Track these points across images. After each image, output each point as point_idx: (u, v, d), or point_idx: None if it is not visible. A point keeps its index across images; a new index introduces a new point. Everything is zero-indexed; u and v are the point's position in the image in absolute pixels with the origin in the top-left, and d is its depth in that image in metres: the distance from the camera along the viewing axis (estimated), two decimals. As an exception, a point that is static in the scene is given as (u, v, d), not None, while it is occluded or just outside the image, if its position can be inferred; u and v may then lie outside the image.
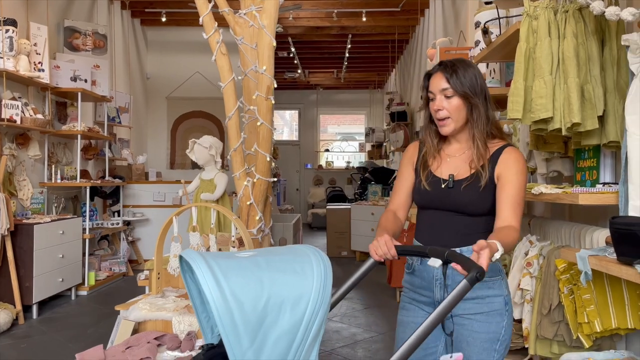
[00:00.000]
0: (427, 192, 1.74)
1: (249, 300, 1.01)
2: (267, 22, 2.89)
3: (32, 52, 5.09)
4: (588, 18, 2.16)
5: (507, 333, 1.68)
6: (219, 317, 0.98)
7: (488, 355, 1.64)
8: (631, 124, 1.81)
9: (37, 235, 4.57)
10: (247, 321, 1.00)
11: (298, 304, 1.06)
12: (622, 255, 1.64)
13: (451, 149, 1.78)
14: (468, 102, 1.68)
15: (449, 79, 1.67)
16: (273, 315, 1.03)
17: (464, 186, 1.68)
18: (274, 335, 1.02)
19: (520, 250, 2.62)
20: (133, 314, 2.46)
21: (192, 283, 1.25)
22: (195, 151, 3.20)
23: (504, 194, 1.64)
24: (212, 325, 1.28)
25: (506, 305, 1.69)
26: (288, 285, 1.07)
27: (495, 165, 1.68)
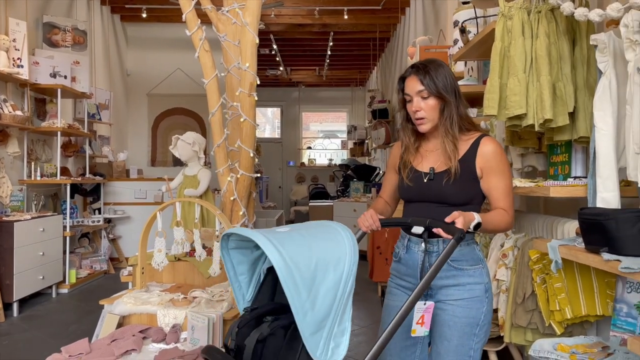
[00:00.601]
0: (410, 186, 1.84)
1: (303, 263, 1.26)
2: (249, 19, 2.93)
3: (11, 48, 5.04)
4: (560, 18, 2.25)
5: (486, 319, 1.77)
6: (283, 277, 1.22)
7: (468, 340, 1.73)
8: (599, 120, 1.90)
9: (17, 233, 4.54)
10: (303, 279, 1.25)
11: (338, 265, 1.33)
12: (589, 244, 1.73)
13: (430, 144, 1.88)
14: (442, 101, 1.78)
15: (423, 80, 1.77)
16: (321, 274, 1.29)
17: (444, 178, 1.77)
18: (323, 289, 1.29)
19: (496, 242, 2.71)
20: (118, 307, 2.48)
21: (227, 258, 1.50)
22: (178, 147, 3.22)
23: (493, 185, 1.76)
24: (243, 293, 1.54)
25: (486, 292, 1.77)
26: (329, 250, 1.34)
27: (474, 157, 1.78)
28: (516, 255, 2.50)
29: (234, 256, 1.52)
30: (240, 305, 1.55)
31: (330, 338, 1.31)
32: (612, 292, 2.11)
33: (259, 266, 1.57)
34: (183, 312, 2.41)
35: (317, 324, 1.27)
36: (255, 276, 1.56)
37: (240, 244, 1.51)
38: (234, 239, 1.49)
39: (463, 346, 1.73)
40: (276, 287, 1.56)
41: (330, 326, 1.31)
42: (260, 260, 1.56)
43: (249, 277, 1.55)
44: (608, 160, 1.88)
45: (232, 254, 1.52)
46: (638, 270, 1.43)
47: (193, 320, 2.27)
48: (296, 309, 1.23)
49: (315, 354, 1.27)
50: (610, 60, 1.90)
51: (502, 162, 1.77)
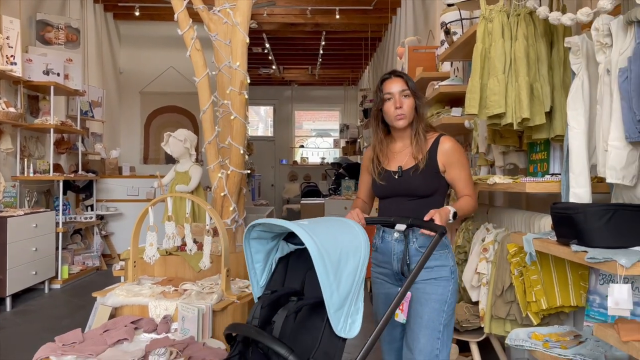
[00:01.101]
0: (382, 184, 2.09)
1: (331, 250, 1.49)
2: (240, 19, 3.00)
3: (5, 46, 5.07)
4: (538, 21, 2.34)
5: (452, 297, 2.01)
6: (316, 261, 1.44)
7: (438, 315, 1.96)
8: (572, 119, 1.99)
9: (10, 228, 4.59)
10: (332, 263, 1.48)
11: (356, 253, 1.57)
12: (560, 237, 1.81)
13: (396, 147, 2.12)
14: (417, 103, 2.06)
15: (407, 82, 2.05)
16: (344, 261, 1.52)
17: (411, 174, 2.03)
18: (346, 274, 1.52)
19: (478, 237, 2.80)
20: (110, 299, 2.55)
21: (247, 247, 1.70)
22: (170, 144, 3.29)
23: (456, 177, 2.04)
24: (258, 280, 1.75)
25: (452, 274, 2.02)
26: (348, 241, 1.57)
27: (436, 154, 2.04)
28: (496, 250, 2.59)
29: (253, 246, 1.72)
30: (255, 289, 1.75)
31: (348, 315, 1.52)
32: (586, 284, 2.20)
33: (272, 256, 1.77)
34: (174, 303, 2.48)
35: (340, 302, 1.49)
36: (268, 265, 1.77)
37: (260, 234, 1.70)
38: (258, 229, 1.68)
39: (433, 321, 1.95)
40: (286, 275, 1.78)
41: (349, 305, 1.52)
42: (273, 251, 1.77)
43: (263, 266, 1.75)
44: (580, 157, 1.97)
45: (252, 244, 1.71)
46: (602, 260, 1.52)
47: (183, 311, 2.34)
48: (325, 288, 1.45)
49: (337, 328, 1.48)
50: (583, 62, 1.99)
51: (461, 156, 2.04)
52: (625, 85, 1.67)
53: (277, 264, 1.78)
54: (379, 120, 2.11)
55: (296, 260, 1.78)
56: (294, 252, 1.79)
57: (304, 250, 1.73)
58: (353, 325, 1.53)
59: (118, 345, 2.20)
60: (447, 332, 1.99)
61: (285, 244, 1.78)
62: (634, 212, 1.65)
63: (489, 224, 2.83)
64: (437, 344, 1.96)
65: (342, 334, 1.50)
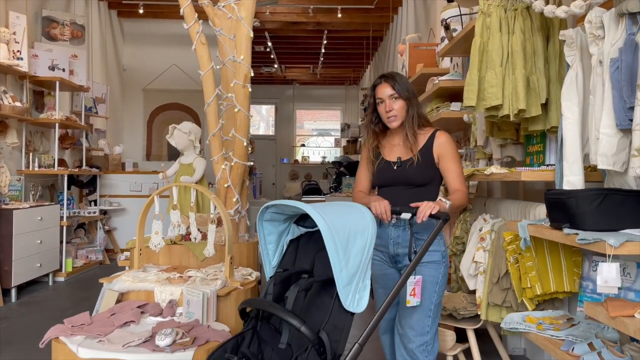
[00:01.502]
0: (382, 174, 2.23)
1: (340, 229, 1.60)
2: (244, 14, 3.07)
3: (11, 41, 5.15)
4: (534, 16, 2.41)
5: (443, 279, 2.15)
6: (326, 239, 1.55)
7: (430, 295, 2.10)
8: (566, 109, 2.06)
9: (16, 221, 4.66)
10: (341, 241, 1.59)
11: (364, 233, 1.68)
12: (553, 222, 1.88)
13: (394, 140, 2.25)
14: (406, 104, 2.16)
15: (394, 86, 2.15)
16: (352, 240, 1.63)
17: (408, 165, 2.16)
18: (354, 252, 1.62)
19: (476, 227, 2.87)
20: (117, 285, 2.62)
21: (261, 228, 1.82)
22: (175, 136, 3.36)
23: (448, 168, 2.15)
24: (270, 260, 1.87)
25: (443, 258, 2.16)
26: (356, 222, 1.68)
27: (432, 147, 2.17)
28: (493, 239, 2.66)
29: (266, 227, 1.84)
30: (267, 269, 1.88)
31: (356, 291, 1.63)
32: (579, 270, 2.27)
33: (283, 238, 1.90)
34: (179, 289, 2.55)
35: (349, 278, 1.60)
36: (279, 247, 1.90)
37: (273, 217, 1.82)
38: (271, 211, 1.79)
39: (425, 301, 2.07)
40: (296, 256, 1.89)
41: (357, 282, 1.64)
42: (285, 233, 1.90)
43: (275, 247, 1.88)
44: (574, 146, 2.04)
45: (265, 225, 1.84)
46: (592, 241, 1.59)
47: (189, 295, 2.41)
48: (335, 265, 1.56)
49: (345, 302, 1.60)
50: (577, 54, 2.06)
51: (453, 150, 2.16)
52: (616, 74, 1.74)
53: (288, 245, 1.90)
54: (373, 121, 2.25)
55: (306, 242, 1.89)
56: (304, 234, 1.90)
57: (313, 233, 1.88)
58: (361, 300, 1.64)
59: (125, 327, 2.27)
60: (437, 310, 2.13)
61: (296, 227, 1.90)
62: (624, 196, 1.72)
63: (486, 214, 2.89)
64: (427, 321, 2.10)
65: (350, 309, 1.61)
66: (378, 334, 2.35)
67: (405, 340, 2.10)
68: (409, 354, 2.09)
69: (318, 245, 1.85)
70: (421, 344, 2.08)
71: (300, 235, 1.91)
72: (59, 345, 2.11)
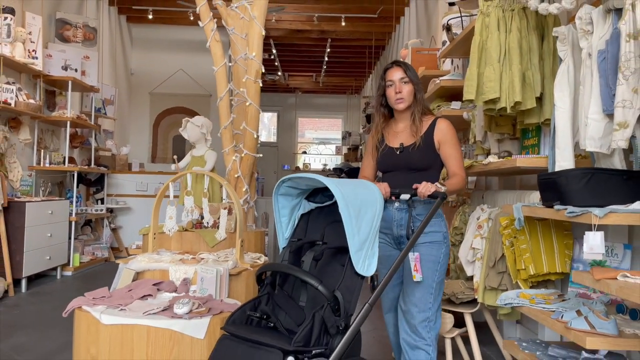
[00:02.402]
0: (385, 159, 2.38)
1: (353, 200, 1.76)
2: (257, 13, 3.25)
3: (27, 40, 5.33)
4: (530, 16, 2.58)
5: (445, 259, 2.27)
6: (342, 208, 1.71)
7: (432, 274, 2.22)
8: (558, 100, 2.22)
9: (28, 213, 4.80)
10: (354, 210, 1.75)
11: (373, 205, 1.85)
12: (545, 201, 2.04)
13: (398, 127, 2.39)
14: (415, 89, 2.32)
15: (406, 70, 2.32)
16: (363, 210, 1.80)
17: (410, 150, 2.31)
18: (364, 221, 1.79)
19: (474, 217, 3.02)
20: (134, 264, 2.76)
21: (276, 202, 1.99)
22: (187, 129, 3.51)
23: (448, 153, 2.29)
24: (283, 232, 2.03)
25: (444, 239, 2.28)
26: (367, 195, 1.86)
27: (433, 133, 2.31)
28: (490, 227, 2.81)
29: (280, 201, 2.00)
30: (280, 240, 2.04)
31: (366, 257, 1.79)
32: (570, 252, 2.42)
33: (295, 212, 2.06)
34: (192, 268, 2.69)
35: (360, 244, 1.76)
36: (291, 220, 2.05)
37: (287, 191, 1.99)
38: (286, 185, 1.95)
39: (427, 279, 2.21)
40: (307, 228, 2.06)
41: (367, 248, 1.79)
42: (297, 208, 2.07)
43: (287, 220, 2.04)
44: (565, 133, 2.20)
45: (279, 199, 2.00)
46: (580, 213, 1.74)
47: (202, 272, 2.56)
48: (348, 231, 1.73)
49: (357, 266, 1.75)
50: (569, 49, 2.23)
51: (454, 136, 2.30)
52: (603, 64, 1.91)
53: (299, 219, 2.06)
54: (382, 104, 2.39)
55: (316, 216, 2.05)
56: (314, 209, 2.06)
57: (323, 208, 2.05)
58: (370, 266, 1.80)
59: (143, 300, 2.40)
60: (438, 288, 2.25)
61: (307, 202, 2.06)
62: (609, 175, 1.87)
63: (483, 204, 3.05)
64: (430, 298, 2.22)
65: (361, 272, 1.76)
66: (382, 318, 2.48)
67: (409, 316, 2.22)
68: (411, 329, 2.21)
69: (328, 219, 2.01)
70: (423, 319, 2.20)
71: (310, 210, 2.07)
72: (82, 313, 2.25)
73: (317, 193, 2.05)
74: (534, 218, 2.48)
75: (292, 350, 1.64)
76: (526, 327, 3.24)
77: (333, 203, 2.00)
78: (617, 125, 1.68)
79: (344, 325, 1.70)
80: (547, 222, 2.47)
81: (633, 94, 1.65)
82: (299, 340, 1.66)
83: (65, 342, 3.32)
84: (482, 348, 2.93)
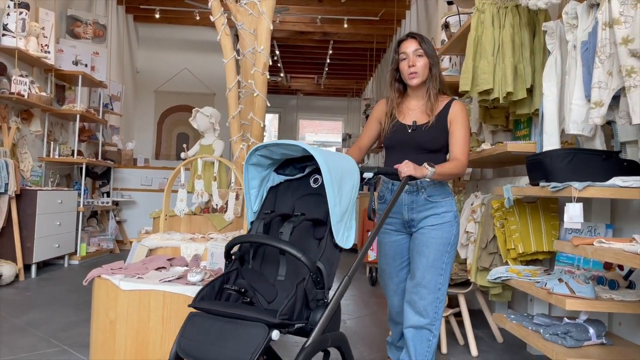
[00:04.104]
0: (394, 135, 2.27)
1: (334, 167, 1.73)
2: (266, 9, 3.44)
3: (41, 35, 5.51)
4: (522, 13, 2.77)
5: (455, 239, 2.23)
6: (325, 176, 1.68)
7: (442, 256, 2.18)
8: (546, 89, 2.40)
9: (39, 201, 4.97)
10: (336, 178, 1.71)
11: (352, 175, 1.82)
12: (532, 181, 2.21)
13: (411, 104, 2.29)
14: (430, 62, 2.21)
15: (421, 43, 2.20)
16: (344, 179, 1.77)
17: (423, 129, 2.22)
18: (345, 190, 1.77)
19: (468, 203, 3.19)
20: (147, 241, 2.93)
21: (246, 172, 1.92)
22: (197, 119, 3.69)
23: (453, 134, 2.20)
24: (252, 205, 1.96)
25: (455, 218, 2.23)
26: (346, 165, 1.83)
27: (447, 114, 2.22)
28: (483, 211, 2.99)
29: (250, 172, 1.92)
30: (249, 214, 1.97)
31: (345, 229, 1.77)
32: (556, 232, 2.60)
33: (264, 185, 1.99)
34: (203, 245, 2.86)
35: (341, 214, 1.74)
36: (260, 193, 1.98)
37: (259, 160, 1.91)
38: (259, 154, 1.88)
39: (437, 261, 2.18)
40: (275, 202, 1.99)
41: (346, 220, 1.77)
42: (266, 180, 1.98)
43: (256, 192, 1.96)
44: (552, 120, 2.38)
45: (250, 170, 1.91)
46: (562, 187, 1.92)
47: (212, 248, 2.73)
48: (331, 201, 1.70)
49: (337, 238, 1.73)
50: (557, 43, 2.41)
51: (464, 118, 2.22)
52: (586, 55, 2.09)
53: (267, 192, 1.99)
54: (395, 78, 2.28)
55: (285, 189, 2.00)
56: (282, 182, 2.00)
57: (292, 181, 2.00)
58: (349, 238, 1.78)
59: (158, 272, 2.57)
60: (448, 269, 2.21)
61: (275, 174, 2.00)
62: (590, 155, 2.06)
63: (478, 192, 3.22)
64: (440, 279, 2.18)
65: (340, 244, 1.74)
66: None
67: (417, 297, 2.17)
68: (419, 310, 2.16)
69: (297, 193, 1.97)
70: (433, 300, 2.16)
71: (279, 184, 2.00)
72: (101, 281, 2.41)
73: (288, 165, 1.98)
74: (523, 201, 2.66)
75: (278, 324, 1.55)
76: (517, 310, 3.41)
77: (304, 176, 1.97)
78: (594, 104, 1.86)
79: (327, 298, 1.67)
80: (536, 204, 2.65)
81: (608, 76, 1.83)
82: (284, 312, 1.58)
83: (78, 319, 3.49)
84: (474, 330, 3.09)
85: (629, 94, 1.67)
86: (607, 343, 2.04)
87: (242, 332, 1.55)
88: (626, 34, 1.72)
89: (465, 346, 3.10)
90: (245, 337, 1.54)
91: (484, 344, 3.18)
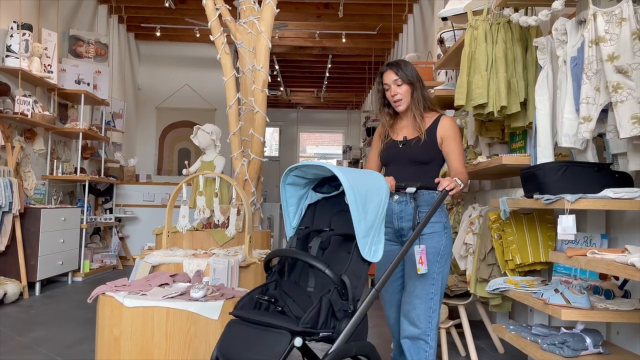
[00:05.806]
0: (388, 151, 2.42)
1: (359, 186, 1.81)
2: (264, 27, 3.52)
3: (43, 55, 5.60)
4: (514, 28, 2.84)
5: (445, 249, 2.28)
6: (349, 195, 1.77)
7: (432, 265, 2.24)
8: (539, 103, 2.46)
9: (43, 219, 5.02)
10: (360, 197, 1.80)
11: (379, 192, 1.90)
12: (527, 193, 2.26)
13: (402, 122, 2.46)
14: (411, 88, 2.35)
15: (397, 72, 2.35)
16: (370, 196, 1.85)
17: (412, 143, 2.36)
18: (371, 207, 1.84)
19: (466, 215, 3.24)
20: (150, 258, 2.98)
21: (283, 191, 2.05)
22: (198, 136, 3.75)
23: (451, 151, 2.32)
24: (290, 221, 2.09)
25: (445, 229, 2.30)
26: (373, 182, 1.91)
27: (436, 130, 2.35)
28: (481, 223, 3.03)
29: (288, 190, 2.06)
30: (288, 229, 2.10)
31: (372, 243, 1.84)
32: (553, 243, 2.63)
33: (302, 202, 2.12)
34: (205, 261, 2.91)
35: (367, 229, 1.82)
36: (299, 210, 2.11)
37: (295, 180, 2.05)
38: (293, 174, 2.02)
39: (428, 270, 2.20)
40: (314, 218, 2.14)
41: (373, 234, 1.85)
42: (304, 198, 2.12)
43: (295, 209, 2.10)
44: (545, 133, 2.43)
45: (287, 189, 2.06)
46: (555, 200, 1.96)
47: (215, 264, 2.77)
48: (355, 217, 1.78)
49: (364, 252, 1.81)
50: (548, 58, 2.47)
51: (456, 133, 2.34)
52: (575, 70, 2.15)
53: (306, 209, 2.12)
54: (385, 104, 2.45)
55: (323, 206, 2.13)
56: (320, 200, 2.13)
57: (329, 198, 2.14)
58: (377, 252, 1.85)
59: (161, 288, 2.61)
60: (440, 278, 2.25)
61: (314, 192, 2.13)
62: (582, 167, 2.10)
63: (475, 204, 3.27)
64: (431, 289, 2.23)
65: (367, 258, 1.82)
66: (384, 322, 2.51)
67: (410, 307, 2.23)
68: (412, 321, 2.22)
69: (334, 209, 2.09)
70: (426, 309, 2.21)
71: (317, 201, 2.13)
72: (105, 298, 2.46)
73: (324, 183, 2.11)
74: (519, 213, 2.70)
75: (300, 331, 1.66)
76: (517, 321, 3.43)
77: (340, 193, 2.06)
78: (582, 119, 1.91)
79: (352, 309, 1.75)
80: (532, 216, 2.69)
81: (595, 92, 1.88)
82: (307, 321, 1.69)
83: (83, 336, 3.52)
84: (475, 341, 3.11)
85: (616, 109, 1.72)
86: (604, 352, 2.07)
87: (267, 338, 1.71)
88: (612, 51, 1.78)
89: (466, 357, 3.13)
90: (269, 342, 1.69)
91: (485, 354, 3.20)
